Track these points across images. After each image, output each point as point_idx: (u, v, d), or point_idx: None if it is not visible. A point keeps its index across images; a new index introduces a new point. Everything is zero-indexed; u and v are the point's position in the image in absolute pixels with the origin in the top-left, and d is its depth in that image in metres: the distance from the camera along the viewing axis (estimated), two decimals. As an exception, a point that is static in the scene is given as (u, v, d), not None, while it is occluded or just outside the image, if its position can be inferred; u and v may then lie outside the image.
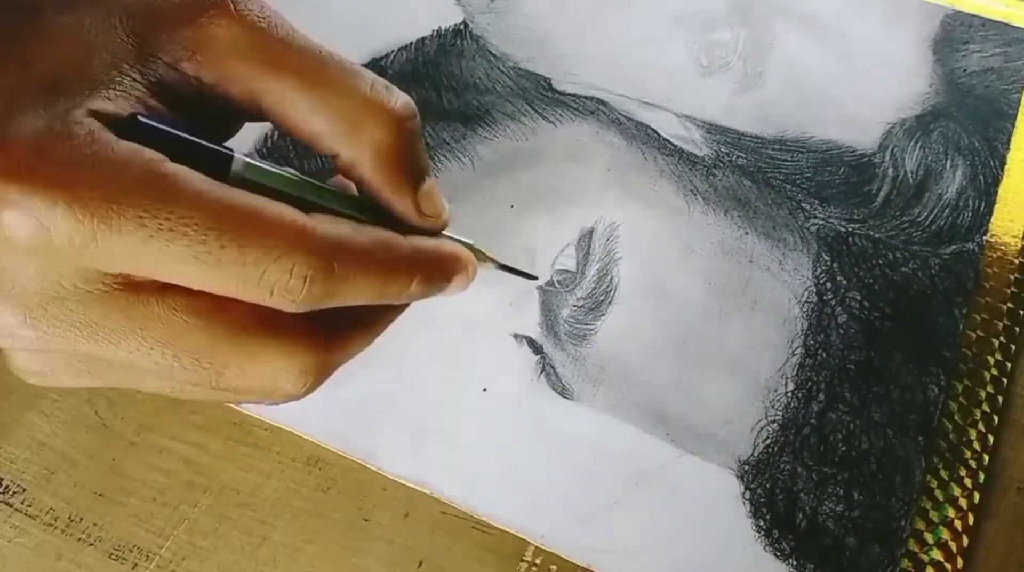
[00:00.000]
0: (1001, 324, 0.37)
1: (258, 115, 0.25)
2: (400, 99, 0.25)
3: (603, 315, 0.37)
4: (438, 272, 0.26)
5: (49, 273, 0.22)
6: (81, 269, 0.22)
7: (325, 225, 0.23)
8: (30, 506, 0.34)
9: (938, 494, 0.33)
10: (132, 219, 0.21)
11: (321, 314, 0.24)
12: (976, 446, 0.34)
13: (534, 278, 0.36)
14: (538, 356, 0.36)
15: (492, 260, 0.32)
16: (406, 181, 0.26)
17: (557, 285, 0.37)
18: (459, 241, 0.29)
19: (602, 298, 0.37)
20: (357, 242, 0.24)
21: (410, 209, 0.26)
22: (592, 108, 0.42)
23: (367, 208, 0.26)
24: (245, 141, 0.41)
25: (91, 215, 0.20)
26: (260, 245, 0.21)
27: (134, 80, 0.23)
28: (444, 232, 0.29)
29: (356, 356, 0.27)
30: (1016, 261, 0.38)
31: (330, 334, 0.25)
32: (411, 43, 0.44)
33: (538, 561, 0.33)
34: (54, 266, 0.21)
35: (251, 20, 0.24)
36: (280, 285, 0.22)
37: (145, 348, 0.23)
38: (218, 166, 0.23)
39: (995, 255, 0.38)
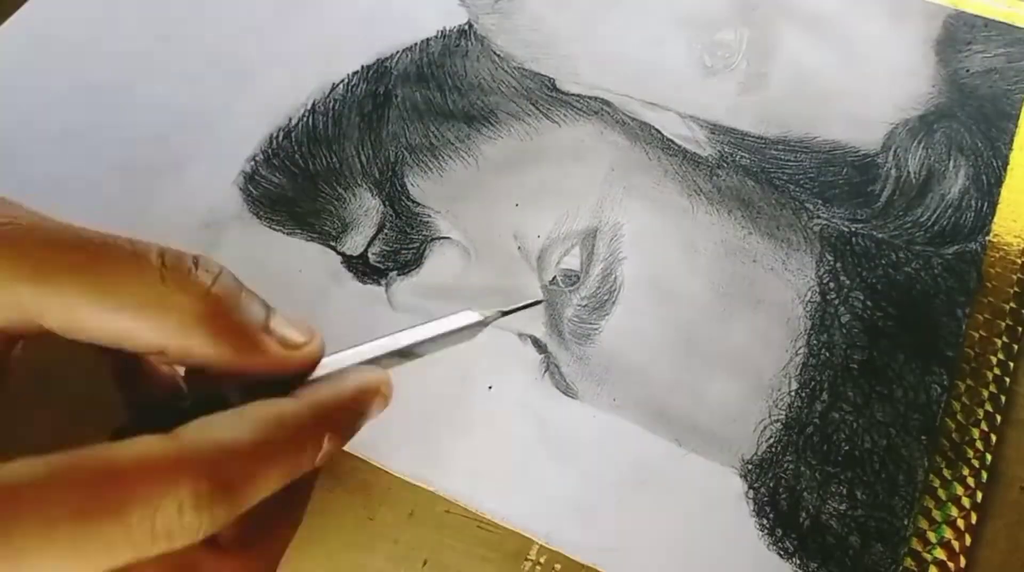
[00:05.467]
0: (1003, 323, 0.37)
1: (43, 332, 0.21)
2: (203, 262, 0.22)
3: (607, 315, 0.37)
4: (349, 417, 0.23)
5: None
6: None
7: (198, 438, 0.19)
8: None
9: (941, 493, 0.33)
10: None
11: (235, 527, 0.21)
12: (979, 445, 0.34)
13: (540, 302, 0.36)
14: (542, 355, 0.36)
15: (494, 314, 0.28)
16: (251, 333, 0.22)
17: (561, 285, 0.37)
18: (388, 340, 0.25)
19: (606, 298, 0.37)
20: (242, 437, 0.20)
21: (277, 352, 0.22)
22: (596, 108, 0.42)
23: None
24: (249, 144, 0.41)
25: None
26: (136, 502, 0.18)
27: None
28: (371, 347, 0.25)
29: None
30: (1019, 261, 0.38)
31: (251, 548, 0.22)
32: (416, 44, 0.44)
33: (542, 560, 0.33)
34: None
35: None
36: (176, 527, 0.18)
37: None
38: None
39: (997, 255, 0.38)
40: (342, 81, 0.43)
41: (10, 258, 0.19)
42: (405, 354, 0.25)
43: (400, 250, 0.38)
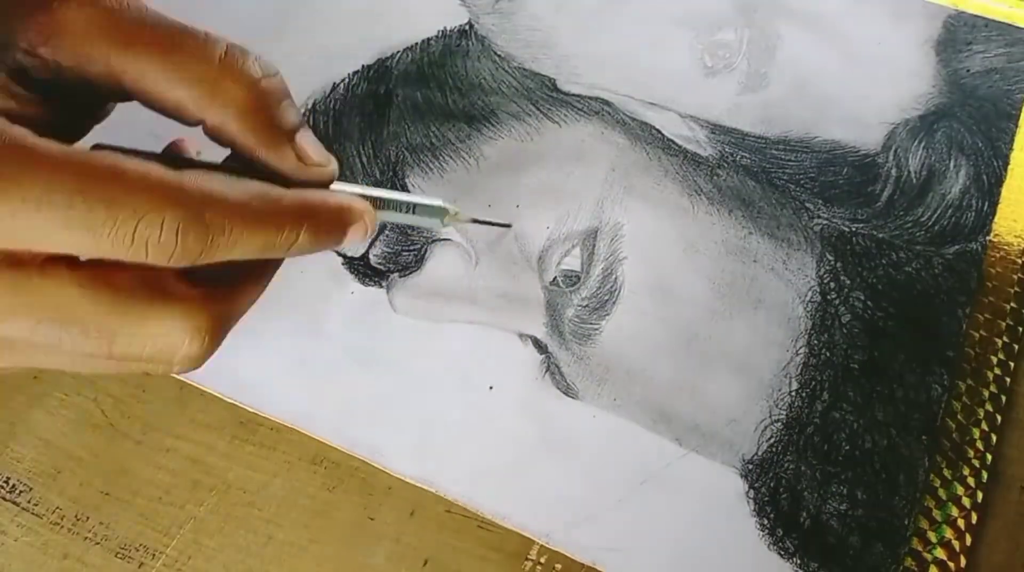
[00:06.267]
0: (1004, 323, 0.37)
1: (122, 94, 0.25)
2: (255, 60, 0.26)
3: (608, 315, 0.37)
4: (329, 222, 0.26)
5: None
6: None
7: (194, 179, 0.23)
8: (36, 505, 0.34)
9: (941, 493, 0.33)
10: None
11: (207, 272, 0.24)
12: (979, 445, 0.34)
13: (508, 226, 0.38)
14: (543, 355, 0.36)
15: (460, 217, 0.31)
16: (276, 135, 0.26)
17: (562, 285, 0.37)
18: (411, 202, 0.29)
19: (607, 298, 0.37)
20: (230, 193, 0.24)
21: (290, 161, 0.26)
22: (597, 108, 0.42)
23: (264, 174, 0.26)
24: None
25: None
26: (127, 204, 0.22)
27: None
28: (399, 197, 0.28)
29: (251, 307, 0.27)
30: (1019, 261, 0.38)
31: (218, 291, 0.25)
32: (417, 43, 0.44)
33: (543, 560, 0.33)
34: None
35: (103, 1, 0.24)
36: (152, 241, 0.22)
37: (31, 322, 0.23)
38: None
39: (998, 255, 0.39)
40: (343, 81, 0.43)
41: (109, 27, 0.24)
42: (379, 205, 0.28)
43: (401, 252, 0.38)
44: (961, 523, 0.33)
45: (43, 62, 0.24)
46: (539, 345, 0.36)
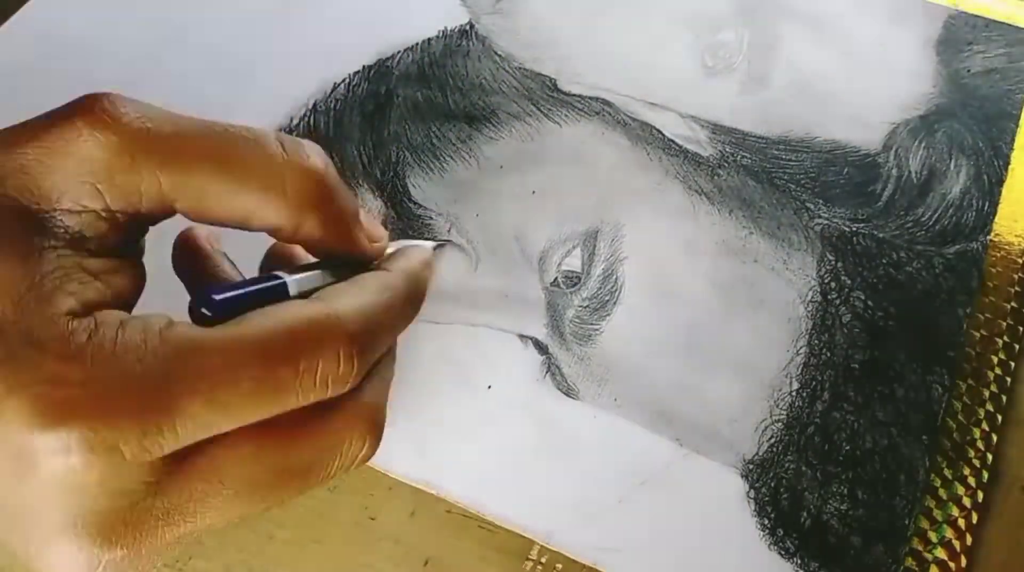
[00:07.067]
0: (1005, 323, 0.37)
1: (167, 215, 0.23)
2: (312, 149, 0.24)
3: (608, 315, 0.37)
4: (426, 282, 0.28)
5: (118, 488, 0.20)
6: (147, 467, 0.20)
7: (343, 302, 0.23)
8: (38, 505, 0.34)
9: (942, 493, 0.33)
10: (191, 415, 0.20)
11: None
12: (980, 445, 0.34)
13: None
14: (544, 356, 0.36)
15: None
16: (351, 223, 0.25)
17: (563, 286, 0.37)
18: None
19: (607, 298, 0.37)
20: (374, 301, 0.24)
21: (364, 244, 0.26)
22: (597, 109, 0.42)
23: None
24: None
25: (152, 425, 0.19)
26: (307, 355, 0.21)
27: (60, 254, 0.21)
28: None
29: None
30: (1020, 260, 0.38)
31: (366, 387, 0.24)
32: (417, 44, 0.44)
33: (543, 560, 0.33)
34: (121, 480, 0.20)
35: (129, 124, 0.21)
36: (333, 376, 0.22)
37: (226, 496, 0.22)
38: (277, 296, 0.23)
39: (999, 255, 0.39)
40: (343, 81, 0.43)
41: (149, 150, 0.21)
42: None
43: (401, 250, 0.38)
44: (962, 523, 0.33)
45: (94, 214, 0.21)
46: (540, 346, 0.36)
